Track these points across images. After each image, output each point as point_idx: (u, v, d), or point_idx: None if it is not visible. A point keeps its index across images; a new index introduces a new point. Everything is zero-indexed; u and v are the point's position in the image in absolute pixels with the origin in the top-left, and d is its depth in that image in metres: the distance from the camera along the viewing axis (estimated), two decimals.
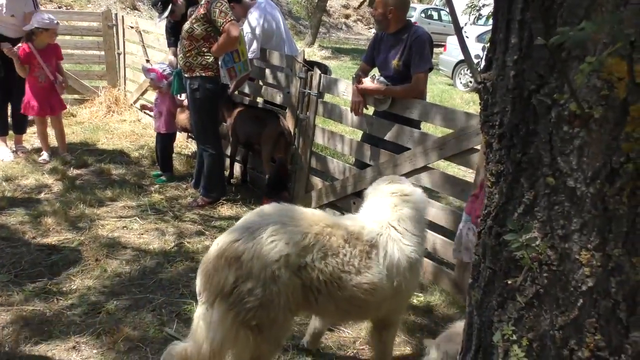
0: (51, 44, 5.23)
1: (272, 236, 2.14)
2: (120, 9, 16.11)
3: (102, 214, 4.27)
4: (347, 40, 23.40)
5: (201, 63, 4.26)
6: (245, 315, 2.10)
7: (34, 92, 5.13)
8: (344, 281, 2.22)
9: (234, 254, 2.11)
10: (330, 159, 4.49)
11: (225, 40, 4.12)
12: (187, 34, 4.24)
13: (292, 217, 2.29)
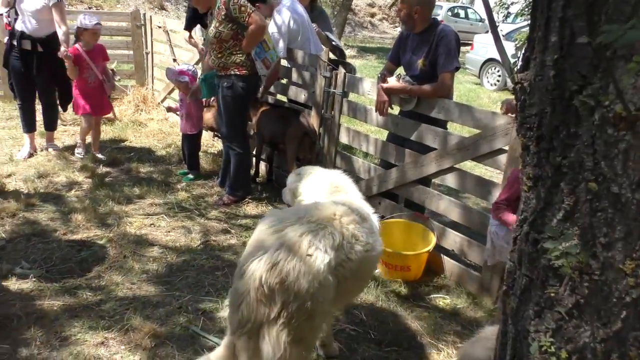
0: (97, 45, 5.29)
1: (310, 247, 2.12)
2: (148, 9, 16.34)
3: (130, 211, 4.32)
4: (372, 39, 23.30)
5: (235, 61, 4.27)
6: (296, 332, 2.08)
7: (85, 92, 5.24)
8: (367, 260, 2.39)
9: (278, 279, 2.04)
10: (355, 159, 4.46)
11: (253, 31, 4.13)
12: (215, 39, 4.25)
13: (309, 217, 2.28)
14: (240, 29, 4.20)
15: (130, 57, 7.84)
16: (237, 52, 4.27)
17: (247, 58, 4.29)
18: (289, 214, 2.36)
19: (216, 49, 4.29)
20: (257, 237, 2.27)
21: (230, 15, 4.13)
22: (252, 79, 4.42)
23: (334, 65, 4.40)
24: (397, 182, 3.91)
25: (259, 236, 2.25)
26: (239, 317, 2.10)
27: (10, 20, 5.15)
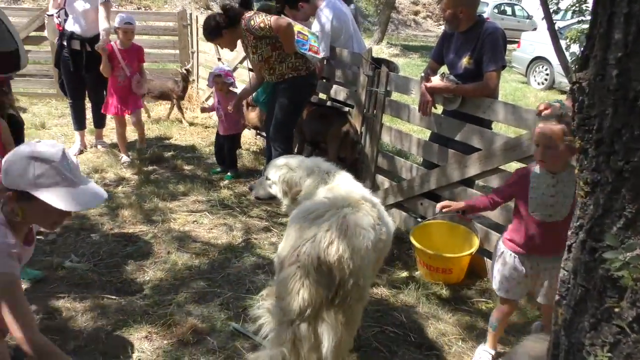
0: (135, 45, 5.38)
1: (357, 227, 2.24)
2: (194, 9, 16.64)
3: (174, 207, 4.40)
4: (416, 37, 23.03)
5: (288, 67, 4.30)
6: (349, 313, 2.19)
7: (113, 91, 5.30)
8: (388, 242, 2.57)
9: (336, 257, 2.12)
10: (397, 158, 4.41)
11: (284, 35, 4.14)
12: (261, 62, 4.31)
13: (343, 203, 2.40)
14: (273, 39, 4.22)
15: (177, 57, 8.00)
16: (285, 58, 4.29)
17: (297, 57, 4.30)
18: (320, 203, 2.40)
19: (267, 68, 4.34)
20: (297, 225, 2.30)
21: (258, 36, 4.17)
22: (309, 79, 4.42)
23: (376, 64, 4.36)
24: (440, 183, 3.83)
25: (300, 224, 2.29)
26: (299, 304, 2.13)
27: (60, 20, 5.33)
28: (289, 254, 2.21)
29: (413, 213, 4.25)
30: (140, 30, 8.31)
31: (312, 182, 2.82)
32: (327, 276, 2.13)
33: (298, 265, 2.15)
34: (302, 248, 2.17)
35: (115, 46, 5.20)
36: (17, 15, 7.71)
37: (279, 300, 2.24)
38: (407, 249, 3.92)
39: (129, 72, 5.25)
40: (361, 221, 2.30)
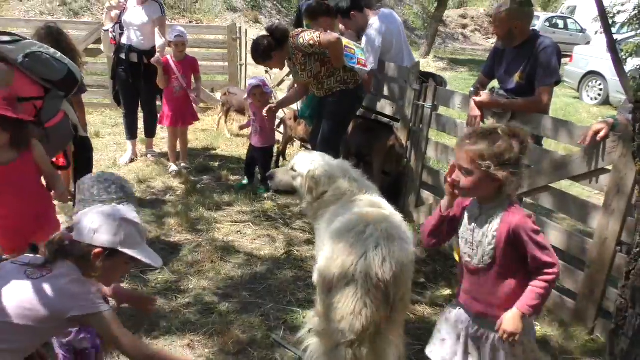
0: (190, 57, 5.51)
1: (402, 243, 2.30)
2: (244, 23, 17.02)
3: (219, 217, 4.48)
4: (464, 50, 22.77)
5: (337, 80, 4.32)
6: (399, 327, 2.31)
7: (169, 103, 5.44)
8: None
9: (391, 273, 2.18)
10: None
11: (332, 50, 4.16)
12: (310, 78, 4.34)
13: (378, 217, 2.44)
14: (322, 55, 4.24)
15: (225, 69, 8.19)
16: (333, 72, 4.31)
17: (345, 71, 4.32)
18: (358, 218, 2.40)
19: (315, 84, 4.38)
20: (339, 241, 2.31)
21: (307, 53, 4.20)
22: (357, 91, 4.43)
23: (424, 78, 4.33)
24: None
25: (342, 240, 2.30)
26: (362, 324, 2.15)
27: (115, 35, 5.57)
28: (341, 273, 2.21)
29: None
30: (191, 43, 8.54)
31: (340, 187, 2.82)
32: (384, 293, 2.15)
33: (357, 285, 2.15)
34: (356, 267, 2.19)
35: (171, 59, 5.35)
36: (76, 28, 8.10)
37: (334, 322, 2.23)
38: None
39: (184, 84, 5.38)
40: (404, 236, 2.33)
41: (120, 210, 2.00)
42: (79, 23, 11.37)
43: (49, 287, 1.82)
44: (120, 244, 1.91)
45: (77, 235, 1.90)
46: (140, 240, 2.01)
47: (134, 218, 2.01)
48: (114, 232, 1.91)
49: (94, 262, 1.90)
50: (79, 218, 1.95)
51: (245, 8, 20.83)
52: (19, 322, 1.77)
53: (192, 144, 6.55)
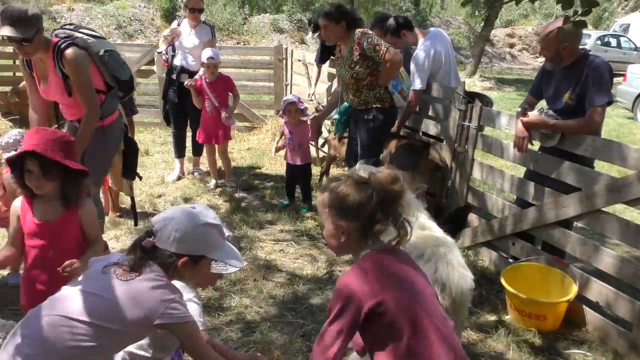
0: (223, 76, 5.58)
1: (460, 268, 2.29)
2: (290, 43, 17.32)
3: (262, 236, 4.52)
4: (511, 70, 22.37)
5: (375, 96, 4.34)
6: None
7: (203, 121, 5.59)
8: None
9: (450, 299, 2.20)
10: (488, 195, 4.25)
11: (390, 67, 4.18)
12: (353, 79, 4.32)
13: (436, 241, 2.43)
14: (375, 65, 4.25)
15: (271, 89, 8.33)
16: (376, 87, 4.32)
17: (386, 91, 4.35)
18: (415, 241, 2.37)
19: (353, 88, 4.39)
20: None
21: (365, 55, 4.20)
22: (392, 111, 4.46)
23: (469, 98, 4.27)
24: (535, 223, 3.64)
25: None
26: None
27: (167, 57, 5.79)
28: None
29: (504, 253, 4.06)
30: (238, 63, 8.82)
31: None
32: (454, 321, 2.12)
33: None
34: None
35: (204, 80, 5.48)
36: (130, 50, 8.45)
37: None
38: (497, 291, 3.74)
39: (217, 103, 5.48)
40: (460, 261, 2.30)
41: (201, 214, 1.95)
42: (133, 45, 11.88)
43: (139, 291, 1.79)
44: (205, 250, 1.90)
45: (161, 242, 1.87)
46: (223, 242, 1.99)
47: (214, 220, 1.97)
48: (198, 238, 1.88)
49: (181, 270, 1.88)
50: (160, 224, 1.89)
51: (292, 29, 21.24)
52: (104, 324, 1.75)
53: (237, 162, 6.67)
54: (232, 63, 8.80)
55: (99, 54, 3.44)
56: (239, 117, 8.25)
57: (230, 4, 20.35)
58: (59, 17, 17.17)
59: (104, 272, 1.85)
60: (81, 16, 17.38)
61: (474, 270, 3.00)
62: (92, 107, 3.36)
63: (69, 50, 3.23)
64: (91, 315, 1.75)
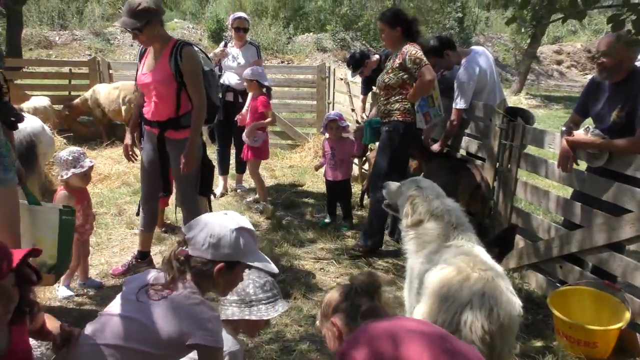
0: (261, 97, 5.55)
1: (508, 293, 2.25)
2: (333, 62, 17.47)
3: (302, 254, 4.54)
4: (559, 87, 21.81)
5: (399, 109, 4.35)
6: None
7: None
8: None
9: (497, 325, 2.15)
10: (533, 216, 4.15)
11: (420, 85, 4.18)
12: (384, 85, 4.38)
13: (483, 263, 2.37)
14: (409, 79, 4.27)
15: (314, 107, 8.42)
16: (403, 100, 4.34)
17: (413, 107, 4.35)
18: (462, 265, 2.34)
19: (383, 96, 4.42)
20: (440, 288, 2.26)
21: (404, 65, 4.23)
22: (413, 128, 4.42)
23: (510, 117, 4.20)
24: (583, 246, 3.51)
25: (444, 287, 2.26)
26: None
27: None
28: (444, 321, 2.17)
29: (551, 277, 3.93)
30: (282, 82, 8.98)
31: (435, 226, 2.77)
32: (490, 346, 2.09)
33: (460, 335, 2.13)
34: (460, 315, 2.14)
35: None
36: None
37: None
38: (545, 316, 3.62)
39: (247, 119, 5.55)
40: (508, 286, 2.27)
41: (234, 219, 1.94)
42: None
43: (172, 309, 1.76)
44: (240, 255, 1.88)
45: (194, 250, 1.85)
46: (255, 247, 1.97)
47: (247, 224, 1.95)
48: (233, 244, 1.85)
49: (217, 278, 1.85)
50: (193, 232, 1.89)
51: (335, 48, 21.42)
52: (137, 346, 1.73)
53: (279, 179, 6.76)
54: (276, 82, 8.95)
55: (204, 69, 3.71)
56: (282, 135, 8.38)
57: (275, 24, 20.74)
58: (112, 39, 17.90)
59: (139, 294, 1.83)
60: None
61: (519, 293, 2.92)
62: (202, 100, 3.63)
63: (190, 48, 3.58)
64: (125, 339, 1.74)
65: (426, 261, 2.66)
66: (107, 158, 7.44)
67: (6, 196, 2.67)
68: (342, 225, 5.20)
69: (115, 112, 8.15)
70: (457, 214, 2.86)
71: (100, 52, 16.10)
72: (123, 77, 8.87)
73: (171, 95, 3.63)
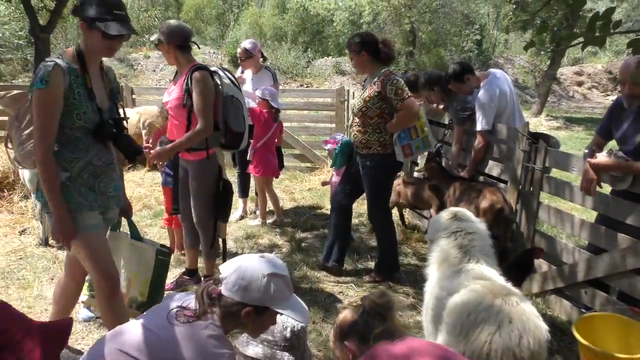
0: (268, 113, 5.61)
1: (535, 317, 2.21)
2: (351, 85, 17.60)
3: (322, 277, 4.52)
4: (580, 109, 21.61)
5: (378, 140, 4.22)
6: None
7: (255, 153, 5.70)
8: None
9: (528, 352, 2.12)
10: (557, 240, 4.07)
11: (403, 116, 4.10)
12: (360, 113, 4.23)
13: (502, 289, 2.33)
14: (389, 108, 4.16)
15: (333, 130, 8.44)
16: (382, 130, 4.21)
17: (391, 138, 4.24)
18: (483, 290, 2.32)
19: (359, 124, 4.27)
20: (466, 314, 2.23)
21: (385, 95, 4.11)
22: (393, 159, 4.30)
23: (533, 139, 4.17)
24: (609, 270, 3.43)
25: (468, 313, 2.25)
26: None
27: None
28: (473, 351, 2.13)
29: (576, 302, 3.85)
30: (301, 105, 9.06)
31: (442, 248, 2.81)
32: None
33: None
34: (490, 344, 2.11)
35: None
36: None
37: None
38: (569, 343, 3.53)
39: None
40: (534, 311, 2.23)
41: (269, 263, 1.95)
42: None
43: (194, 336, 1.79)
44: (270, 301, 1.88)
45: (226, 290, 1.87)
46: (289, 293, 1.96)
47: (282, 270, 1.96)
48: (264, 289, 1.86)
49: (244, 321, 1.86)
50: (227, 272, 1.92)
51: (353, 71, 21.58)
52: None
53: (299, 202, 6.78)
54: (295, 105, 9.05)
55: (226, 94, 3.81)
56: (301, 158, 8.43)
57: (295, 48, 21.05)
58: (136, 65, 18.32)
59: (170, 312, 1.88)
60: (156, 63, 18.47)
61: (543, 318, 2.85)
62: (206, 123, 3.66)
63: (199, 72, 3.64)
64: (141, 351, 1.77)
65: (442, 285, 2.63)
66: (128, 181, 7.53)
67: (86, 240, 2.74)
68: None
69: (136, 136, 8.28)
70: (463, 235, 2.85)
71: (124, 78, 16.49)
72: (145, 102, 9.06)
73: (183, 116, 3.73)
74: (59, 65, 2.54)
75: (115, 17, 2.59)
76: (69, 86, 2.57)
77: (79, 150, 2.68)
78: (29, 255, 4.87)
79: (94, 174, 2.75)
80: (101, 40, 2.61)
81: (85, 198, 2.72)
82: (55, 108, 2.54)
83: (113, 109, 2.89)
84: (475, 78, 4.70)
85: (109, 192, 2.84)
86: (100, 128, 2.72)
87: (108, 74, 2.92)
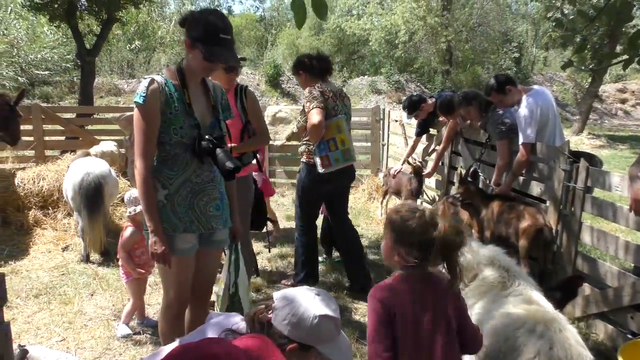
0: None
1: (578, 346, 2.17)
2: (387, 104, 17.61)
3: (356, 296, 4.47)
4: (624, 127, 20.98)
5: (305, 150, 4.41)
6: None
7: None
8: None
9: None
10: (600, 262, 3.92)
11: (308, 127, 4.20)
12: (298, 128, 4.54)
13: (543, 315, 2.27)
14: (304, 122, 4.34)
15: (368, 149, 8.45)
16: (307, 141, 4.37)
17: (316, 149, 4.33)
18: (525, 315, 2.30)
19: (303, 135, 4.48)
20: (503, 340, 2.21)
21: (303, 108, 4.33)
22: (314, 172, 4.34)
23: (574, 158, 4.05)
24: None
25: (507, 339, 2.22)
26: None
27: None
28: None
29: (621, 327, 3.69)
30: None
31: (487, 277, 2.70)
32: None
33: None
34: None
35: None
36: None
37: None
38: None
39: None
40: (578, 338, 2.18)
41: (322, 303, 1.91)
42: None
43: None
44: (316, 342, 1.85)
45: (276, 321, 1.86)
46: (336, 334, 1.93)
47: (333, 312, 1.90)
48: (312, 329, 1.83)
49: (288, 354, 1.82)
50: (280, 303, 1.89)
51: (389, 90, 21.62)
52: None
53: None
54: None
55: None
56: None
57: None
58: None
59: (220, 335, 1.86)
60: None
61: (586, 344, 2.75)
62: (266, 133, 3.99)
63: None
64: None
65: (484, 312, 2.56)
66: None
67: (173, 263, 2.70)
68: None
69: None
70: (503, 259, 2.78)
71: None
72: None
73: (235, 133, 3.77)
74: (155, 81, 2.58)
75: (219, 41, 2.54)
76: (165, 101, 2.58)
77: (178, 166, 2.65)
78: (71, 272, 5.01)
79: (193, 192, 2.68)
80: (202, 62, 2.59)
81: (180, 219, 2.66)
82: (152, 123, 2.55)
83: (215, 124, 2.79)
84: (517, 90, 4.61)
85: (209, 211, 2.74)
86: (195, 143, 2.64)
87: (215, 90, 2.88)
